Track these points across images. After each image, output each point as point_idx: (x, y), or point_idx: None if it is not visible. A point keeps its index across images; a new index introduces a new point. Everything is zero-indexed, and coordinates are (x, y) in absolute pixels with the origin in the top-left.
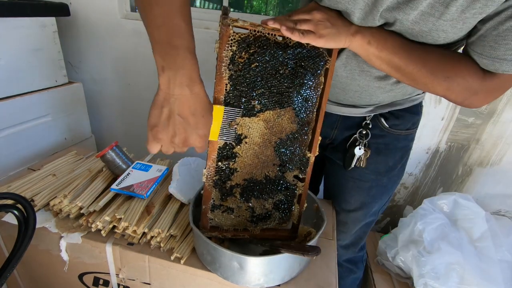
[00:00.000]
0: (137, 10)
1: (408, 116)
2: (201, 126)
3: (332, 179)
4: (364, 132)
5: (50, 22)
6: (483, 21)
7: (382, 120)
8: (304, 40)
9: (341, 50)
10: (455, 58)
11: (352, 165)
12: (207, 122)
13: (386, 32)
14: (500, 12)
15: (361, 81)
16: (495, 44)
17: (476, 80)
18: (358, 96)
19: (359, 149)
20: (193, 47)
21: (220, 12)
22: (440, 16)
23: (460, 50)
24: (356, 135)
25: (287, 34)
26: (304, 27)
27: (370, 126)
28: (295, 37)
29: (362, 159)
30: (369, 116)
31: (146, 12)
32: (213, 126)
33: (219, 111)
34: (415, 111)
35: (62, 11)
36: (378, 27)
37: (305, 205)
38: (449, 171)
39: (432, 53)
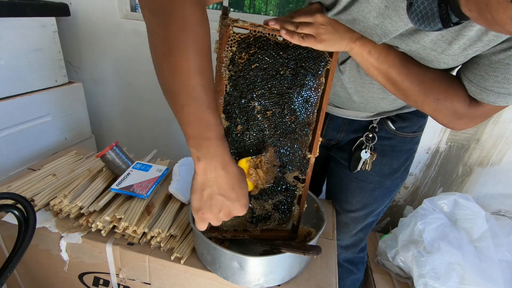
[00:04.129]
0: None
1: (415, 119)
2: (242, 197)
3: (335, 179)
4: (370, 136)
5: (50, 22)
6: None
7: (389, 122)
8: (304, 44)
9: (344, 61)
10: (448, 81)
11: (358, 168)
12: (245, 192)
13: (388, 44)
14: (496, 45)
15: (364, 92)
16: (486, 74)
17: (462, 106)
18: (363, 106)
19: (365, 152)
20: (222, 134)
21: (220, 12)
22: (443, 52)
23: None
24: (363, 138)
25: (286, 37)
26: (305, 30)
27: (377, 130)
28: (295, 41)
29: (368, 162)
30: (375, 119)
31: (178, 110)
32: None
33: (244, 164)
34: (422, 114)
35: (62, 11)
36: None
37: (305, 206)
38: (449, 171)
39: (428, 73)
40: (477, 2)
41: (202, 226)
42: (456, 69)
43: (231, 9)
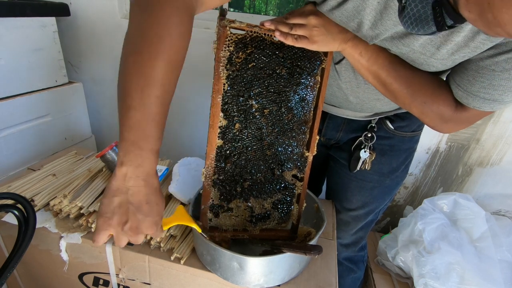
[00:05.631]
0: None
1: (414, 118)
2: (155, 214)
3: (335, 178)
4: (369, 135)
5: (50, 22)
6: None
7: (388, 122)
8: (297, 45)
9: (339, 62)
10: (436, 85)
11: (358, 168)
12: (160, 210)
13: (379, 46)
14: (483, 51)
15: (359, 93)
16: (473, 79)
17: (449, 110)
18: (360, 106)
19: (365, 152)
20: (157, 149)
21: (218, 13)
22: (431, 56)
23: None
24: (362, 138)
25: (280, 38)
26: (299, 32)
27: (376, 129)
28: (289, 42)
29: (367, 161)
30: (374, 119)
31: (122, 110)
32: (171, 219)
33: (188, 221)
34: None
35: (62, 11)
36: None
37: (304, 205)
38: (449, 171)
39: (417, 76)
40: (478, 2)
41: (100, 237)
42: (446, 73)
43: (231, 9)
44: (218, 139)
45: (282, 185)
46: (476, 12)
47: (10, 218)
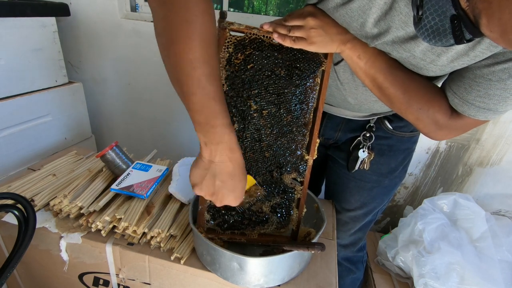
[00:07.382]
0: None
1: None
2: (238, 189)
3: (334, 178)
4: (368, 135)
5: (50, 22)
6: None
7: (386, 122)
8: (295, 46)
9: (338, 63)
10: (432, 92)
11: (356, 168)
12: (243, 185)
13: (378, 49)
14: (481, 60)
15: (358, 94)
16: (469, 87)
17: (444, 117)
18: (358, 107)
19: (363, 151)
20: (229, 122)
21: (219, 14)
22: (431, 62)
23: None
24: (360, 138)
25: (279, 40)
26: (297, 33)
27: (374, 129)
28: (287, 43)
29: (366, 161)
30: (373, 119)
31: (185, 98)
32: None
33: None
34: None
35: (62, 11)
36: None
37: (305, 210)
38: (449, 171)
39: (414, 82)
40: (501, 24)
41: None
42: (443, 79)
43: (231, 9)
44: None
45: (281, 188)
46: (498, 32)
47: (10, 218)
